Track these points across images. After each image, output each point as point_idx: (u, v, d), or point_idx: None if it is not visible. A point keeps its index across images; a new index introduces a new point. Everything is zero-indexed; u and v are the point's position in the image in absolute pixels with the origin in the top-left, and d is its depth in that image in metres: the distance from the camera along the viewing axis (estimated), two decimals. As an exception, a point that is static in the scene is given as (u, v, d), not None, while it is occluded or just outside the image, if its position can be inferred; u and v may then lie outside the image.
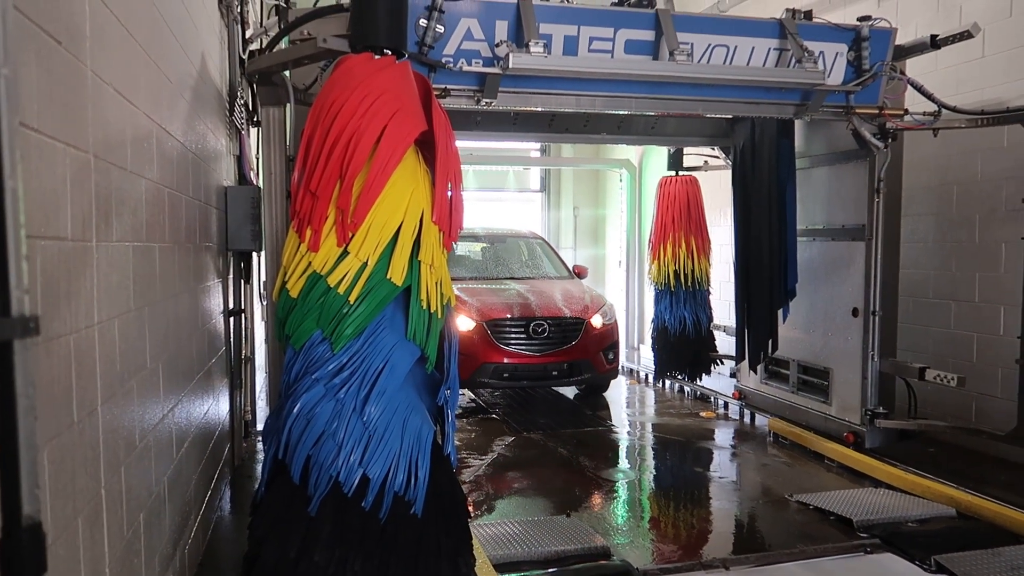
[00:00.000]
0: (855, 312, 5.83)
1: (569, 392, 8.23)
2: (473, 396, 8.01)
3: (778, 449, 6.11)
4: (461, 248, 8.80)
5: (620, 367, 8.31)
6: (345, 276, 2.76)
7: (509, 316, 7.07)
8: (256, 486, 2.97)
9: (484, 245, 8.98)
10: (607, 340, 7.45)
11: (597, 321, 7.38)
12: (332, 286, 2.76)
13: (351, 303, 2.76)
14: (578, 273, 8.77)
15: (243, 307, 5.67)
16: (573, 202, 13.43)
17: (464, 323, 6.95)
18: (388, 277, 2.80)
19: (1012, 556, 3.81)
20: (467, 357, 6.60)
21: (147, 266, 2.75)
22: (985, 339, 5.84)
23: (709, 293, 8.32)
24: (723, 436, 6.65)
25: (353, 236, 2.77)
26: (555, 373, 7.15)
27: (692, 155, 8.41)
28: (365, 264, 2.77)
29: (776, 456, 5.94)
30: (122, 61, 2.45)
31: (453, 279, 7.10)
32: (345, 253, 2.78)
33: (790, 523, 4.49)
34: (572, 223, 13.31)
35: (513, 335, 7.02)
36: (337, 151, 2.76)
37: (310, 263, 2.79)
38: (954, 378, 5.06)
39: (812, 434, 6.02)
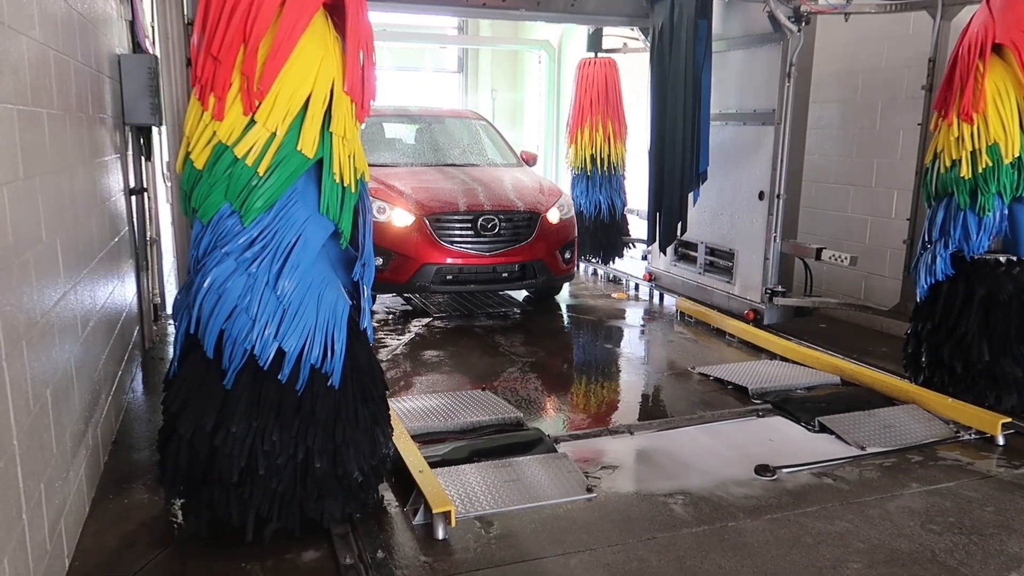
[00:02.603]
0: (761, 195, 6.04)
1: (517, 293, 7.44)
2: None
3: (684, 327, 6.42)
4: (393, 130, 7.94)
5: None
6: (253, 147, 2.65)
7: (454, 210, 6.17)
8: (168, 363, 2.93)
9: (419, 127, 7.82)
10: (564, 237, 6.61)
11: (553, 216, 6.54)
12: (239, 157, 2.64)
13: (260, 175, 2.66)
14: (526, 160, 7.79)
15: (145, 186, 5.42)
16: (491, 84, 13.15)
17: (401, 218, 6.09)
18: (298, 149, 2.70)
19: (884, 416, 4.20)
20: (405, 258, 6.05)
21: (35, 133, 2.58)
22: (878, 222, 6.19)
23: (624, 178, 8.44)
24: (633, 316, 6.93)
25: (260, 104, 2.64)
26: (505, 275, 6.32)
27: (611, 36, 8.30)
28: (274, 135, 2.66)
29: (682, 333, 6.24)
30: (-12, -102, 2.20)
31: (387, 165, 6.82)
32: (252, 122, 2.65)
33: (692, 392, 4.79)
34: (491, 106, 13.08)
35: (458, 232, 6.15)
36: (239, 11, 2.59)
37: (215, 132, 2.66)
38: (847, 258, 5.36)
39: (716, 312, 6.34)
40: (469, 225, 6.18)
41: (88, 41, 3.69)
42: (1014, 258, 4.21)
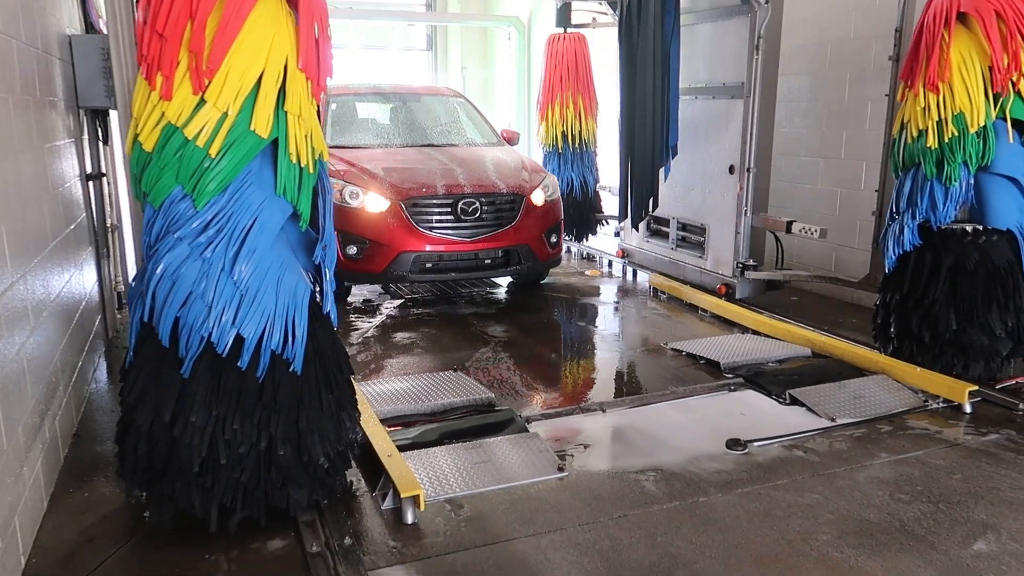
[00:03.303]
0: (731, 169, 6.01)
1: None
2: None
3: (657, 303, 6.41)
4: (366, 109, 7.60)
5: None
6: (204, 127, 2.56)
7: (432, 193, 5.85)
8: (126, 353, 2.85)
9: (394, 105, 7.46)
10: (549, 220, 6.33)
11: (538, 197, 6.23)
12: (190, 138, 2.56)
13: (212, 157, 2.57)
14: (507, 139, 7.42)
15: (104, 171, 5.27)
16: (462, 62, 12.98)
17: (376, 203, 5.77)
18: (252, 129, 2.61)
19: (855, 387, 4.22)
20: (380, 246, 5.74)
21: (-28, 117, 2.47)
22: (847, 194, 6.20)
23: (596, 154, 8.38)
24: (607, 293, 6.91)
25: (210, 83, 2.55)
26: (488, 262, 6.02)
27: (581, 11, 8.21)
28: (225, 114, 2.58)
29: (655, 309, 6.23)
30: None
31: (359, 147, 6.65)
32: (202, 102, 2.56)
33: (665, 368, 4.78)
34: (461, 84, 12.92)
35: (437, 217, 5.85)
36: (184, -15, 2.50)
37: (163, 113, 2.57)
38: (817, 230, 5.36)
39: (688, 287, 6.34)
40: (448, 209, 5.86)
41: (33, 21, 3.55)
42: (980, 227, 4.23)
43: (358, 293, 6.67)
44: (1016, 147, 4.14)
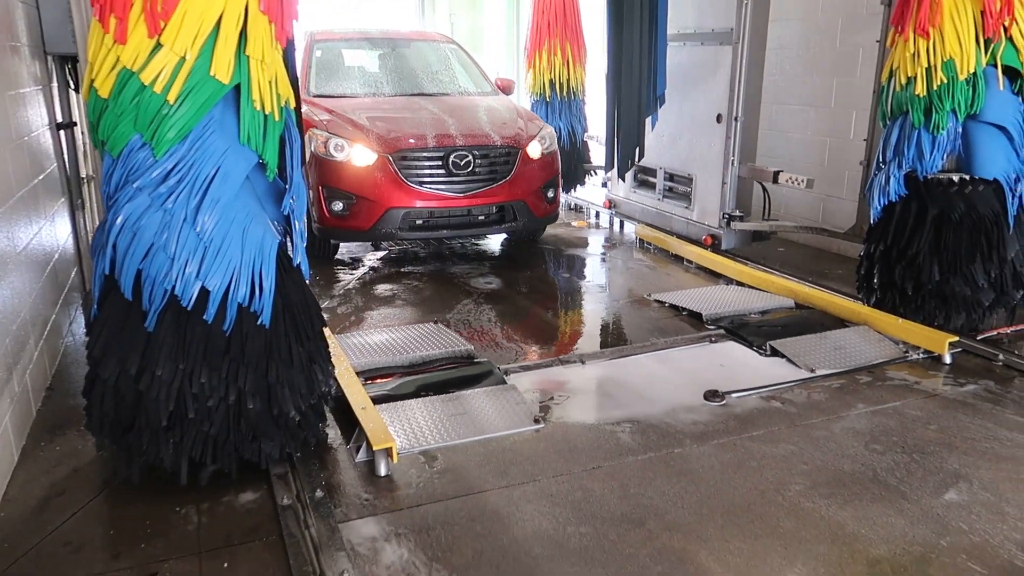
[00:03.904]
0: (719, 118, 5.90)
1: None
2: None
3: (643, 254, 6.36)
4: (353, 57, 7.32)
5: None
6: (161, 72, 2.47)
7: (422, 146, 5.57)
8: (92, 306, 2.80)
9: (382, 52, 7.13)
10: (547, 174, 6.04)
11: (534, 150, 5.94)
12: (147, 84, 2.47)
13: (171, 103, 2.49)
14: (502, 88, 7.15)
15: (75, 120, 5.14)
16: (450, 9, 12.68)
17: (362, 156, 5.50)
18: (212, 74, 2.52)
19: (836, 338, 4.21)
20: (368, 202, 5.50)
21: (-83, 61, 2.37)
22: (836, 143, 6.11)
23: (584, 103, 8.24)
24: (594, 244, 6.85)
25: (166, 26, 2.45)
26: (482, 219, 5.76)
27: (569, -46, 7.96)
28: (183, 59, 2.48)
29: (641, 260, 6.19)
30: None
31: (346, 96, 6.46)
32: (159, 46, 2.46)
33: (647, 320, 4.75)
34: (450, 32, 12.64)
35: (427, 171, 5.57)
36: (135, -80, 2.38)
37: (119, 58, 2.47)
38: (803, 180, 5.29)
39: (674, 238, 6.28)
40: (440, 163, 5.58)
41: (-12, -40, 3.41)
42: (967, 177, 4.16)
43: (342, 245, 6.60)
44: (1006, 95, 4.05)
